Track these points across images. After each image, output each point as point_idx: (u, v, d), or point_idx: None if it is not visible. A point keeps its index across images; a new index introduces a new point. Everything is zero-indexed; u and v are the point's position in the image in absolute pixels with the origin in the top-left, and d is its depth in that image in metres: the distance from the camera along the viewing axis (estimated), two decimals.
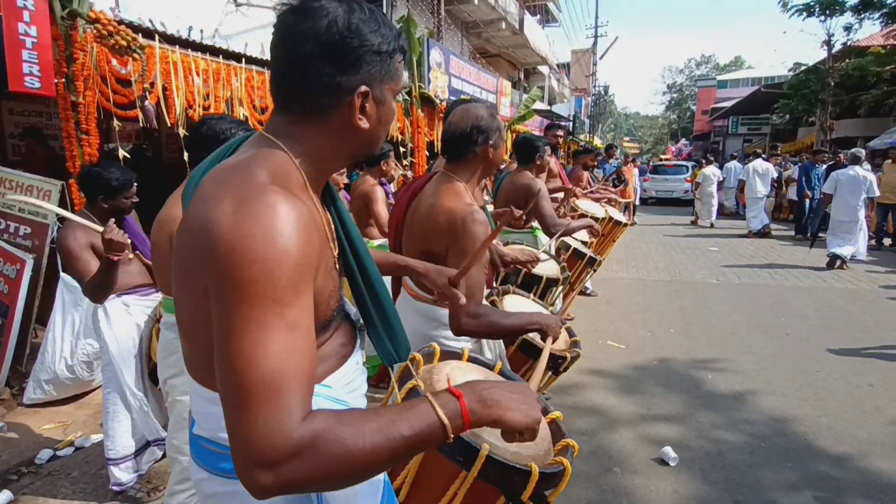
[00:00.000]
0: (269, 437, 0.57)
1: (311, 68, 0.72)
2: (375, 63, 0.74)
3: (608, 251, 4.92)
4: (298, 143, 0.75)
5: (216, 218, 0.63)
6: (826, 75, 13.42)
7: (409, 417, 0.64)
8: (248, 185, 0.66)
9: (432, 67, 7.12)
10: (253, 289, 0.60)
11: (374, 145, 0.82)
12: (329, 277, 0.79)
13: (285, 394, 0.59)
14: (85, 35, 2.91)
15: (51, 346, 2.73)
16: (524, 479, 0.91)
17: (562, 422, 1.15)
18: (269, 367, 0.59)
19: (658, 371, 3.49)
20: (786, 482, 2.28)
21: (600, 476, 2.32)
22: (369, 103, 0.76)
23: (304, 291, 0.65)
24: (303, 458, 0.58)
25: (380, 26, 0.75)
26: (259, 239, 0.61)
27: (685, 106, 52.77)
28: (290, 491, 0.60)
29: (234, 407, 0.59)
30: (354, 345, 0.92)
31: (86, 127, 2.95)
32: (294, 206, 0.66)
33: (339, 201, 0.90)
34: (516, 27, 15.07)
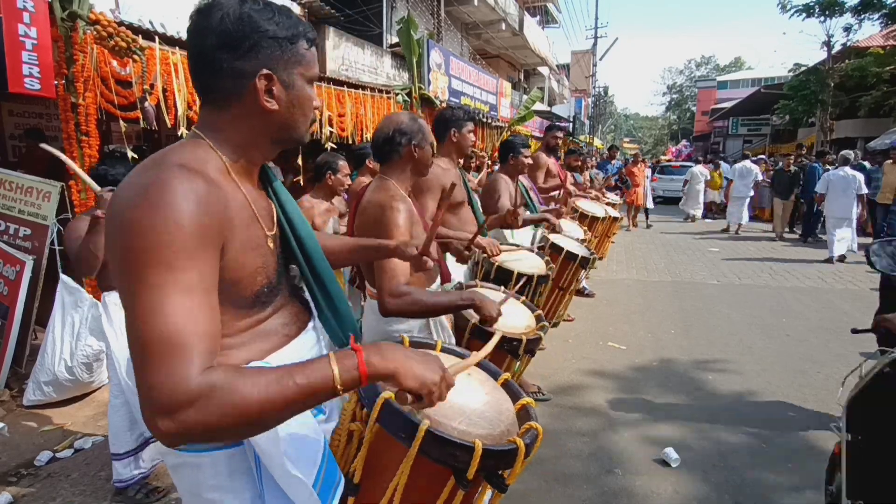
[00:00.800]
0: (167, 387, 0.62)
1: (213, 59, 0.79)
2: (274, 48, 0.80)
3: (605, 248, 4.90)
4: (217, 132, 0.83)
5: (119, 200, 0.71)
6: (826, 76, 13.40)
7: (305, 369, 0.69)
8: (152, 168, 0.74)
9: (432, 68, 7.13)
10: (145, 256, 0.66)
11: (294, 129, 0.87)
12: (254, 254, 0.84)
13: (182, 348, 0.64)
14: (85, 36, 2.92)
15: (50, 348, 2.72)
16: (467, 454, 0.89)
17: (532, 408, 1.13)
18: (165, 325, 0.64)
19: (658, 372, 3.48)
20: (787, 483, 2.27)
21: (601, 477, 2.31)
22: (276, 87, 0.81)
23: (198, 258, 0.70)
24: (199, 406, 0.62)
25: (275, 14, 0.81)
26: (148, 211, 0.67)
27: (685, 107, 52.78)
28: (190, 438, 0.64)
29: (139, 363, 0.65)
30: (303, 327, 0.96)
31: (85, 128, 2.96)
32: (189, 181, 0.71)
33: (278, 184, 0.97)
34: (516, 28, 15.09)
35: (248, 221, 0.82)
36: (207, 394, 0.63)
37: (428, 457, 0.91)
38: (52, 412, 2.84)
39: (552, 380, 3.28)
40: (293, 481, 0.84)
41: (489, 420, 1.03)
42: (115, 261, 0.69)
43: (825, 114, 13.85)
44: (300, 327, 0.94)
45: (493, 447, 0.92)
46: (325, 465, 0.92)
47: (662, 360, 3.69)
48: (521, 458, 0.95)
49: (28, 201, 3.04)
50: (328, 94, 5.04)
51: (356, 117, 5.39)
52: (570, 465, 2.39)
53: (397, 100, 6.03)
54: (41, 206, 2.98)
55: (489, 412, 1.05)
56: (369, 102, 5.59)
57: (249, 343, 0.85)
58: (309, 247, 0.97)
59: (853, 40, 13.56)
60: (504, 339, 1.66)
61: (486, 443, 0.91)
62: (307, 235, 0.97)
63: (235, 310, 0.83)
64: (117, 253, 0.68)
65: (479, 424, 1.00)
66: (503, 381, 1.23)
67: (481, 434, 0.97)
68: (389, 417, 0.92)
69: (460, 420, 0.98)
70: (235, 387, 0.64)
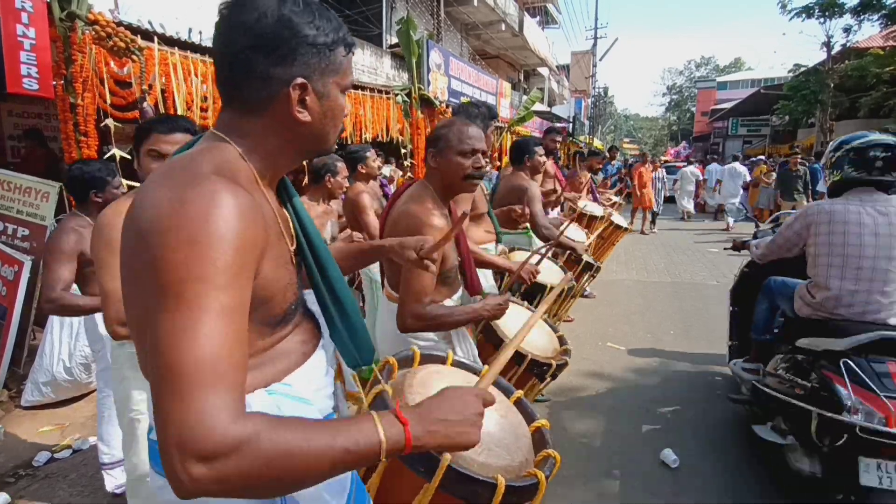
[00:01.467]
0: (206, 425, 0.54)
1: (246, 61, 0.72)
2: (311, 55, 0.74)
3: (606, 255, 4.90)
4: (245, 138, 0.76)
5: (153, 205, 0.63)
6: (825, 77, 13.41)
7: (353, 433, 0.63)
8: (189, 175, 0.67)
9: (432, 69, 7.13)
10: (184, 271, 0.59)
11: (323, 141, 0.82)
12: (284, 270, 0.79)
13: (221, 380, 0.57)
14: (84, 36, 2.91)
15: (49, 349, 2.72)
16: (489, 491, 0.87)
17: (547, 430, 1.11)
18: (202, 351, 0.57)
19: (658, 373, 3.48)
20: (787, 485, 2.24)
21: (600, 479, 2.31)
22: (310, 96, 0.75)
23: (239, 277, 0.63)
24: (240, 455, 0.54)
25: (315, 18, 0.75)
26: (192, 222, 0.61)
27: (685, 107, 52.84)
28: (219, 489, 0.55)
29: (166, 392, 0.56)
30: (317, 344, 0.90)
31: (84, 128, 2.95)
32: (233, 194, 0.65)
33: (297, 198, 0.91)
34: (516, 29, 15.11)
35: (278, 236, 0.77)
36: (252, 441, 0.55)
37: (448, 493, 0.89)
38: (50, 413, 2.83)
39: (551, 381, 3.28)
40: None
41: (507, 447, 1.01)
42: (137, 275, 0.62)
43: (825, 114, 13.85)
44: (315, 345, 0.89)
45: (515, 483, 0.91)
46: (354, 489, 0.89)
47: (662, 360, 3.69)
48: (542, 491, 0.94)
49: (26, 201, 3.04)
50: None
51: (355, 118, 5.39)
52: (569, 466, 2.38)
53: (397, 100, 6.03)
54: (39, 206, 2.98)
55: (507, 438, 1.04)
56: (368, 103, 5.59)
57: (269, 364, 0.79)
58: (325, 261, 0.91)
59: (853, 41, 13.57)
60: (534, 362, 1.67)
61: (507, 477, 0.90)
62: (323, 249, 0.92)
63: (262, 329, 0.77)
64: (147, 267, 0.60)
65: (497, 454, 0.97)
66: (515, 399, 1.21)
67: (501, 466, 0.95)
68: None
69: (480, 450, 0.95)
70: (282, 437, 0.57)
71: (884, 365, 1.78)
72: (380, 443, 0.64)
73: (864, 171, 2.02)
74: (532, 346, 1.78)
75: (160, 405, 0.56)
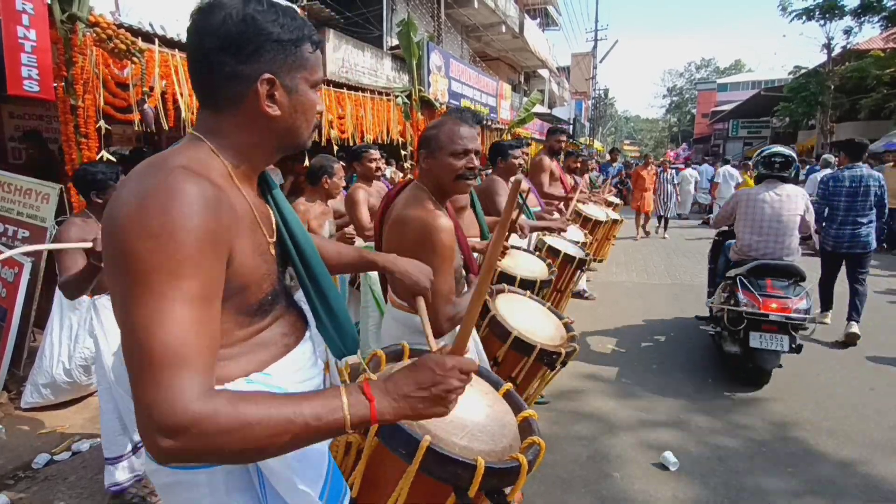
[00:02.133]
0: (168, 404, 0.59)
1: (214, 61, 0.76)
2: (277, 51, 0.78)
3: (606, 250, 4.90)
4: (219, 136, 0.80)
5: (122, 201, 0.67)
6: (826, 78, 13.42)
7: (317, 406, 0.66)
8: (155, 170, 0.70)
9: (432, 71, 7.14)
10: (150, 262, 0.63)
11: (296, 136, 0.84)
12: (260, 260, 0.81)
13: (184, 363, 0.61)
14: (84, 39, 2.92)
15: (48, 350, 2.71)
16: (469, 473, 0.88)
17: (534, 421, 1.12)
18: (168, 336, 0.61)
19: (657, 375, 3.47)
20: (786, 488, 2.26)
21: (600, 481, 2.30)
22: (278, 91, 0.79)
23: (204, 267, 0.66)
24: (201, 429, 0.60)
25: (279, 16, 0.78)
26: (155, 215, 0.64)
27: (685, 109, 52.82)
28: (187, 458, 0.61)
29: (136, 375, 0.61)
30: (301, 336, 0.93)
31: (85, 130, 2.96)
32: (197, 185, 0.68)
33: (277, 191, 0.94)
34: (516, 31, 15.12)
35: (252, 227, 0.81)
36: (211, 417, 0.60)
37: (429, 474, 0.90)
38: (49, 415, 2.83)
39: (551, 383, 3.26)
40: (301, 496, 0.82)
41: (491, 434, 1.02)
42: (113, 266, 0.66)
43: (825, 116, 13.85)
44: (298, 337, 0.92)
45: (495, 465, 0.91)
46: (330, 477, 0.90)
47: (662, 363, 3.67)
48: (524, 474, 0.94)
49: (27, 203, 3.04)
50: (328, 97, 5.05)
51: (356, 119, 5.39)
52: (568, 469, 2.38)
53: (397, 102, 6.04)
54: (40, 207, 2.98)
55: (491, 425, 1.04)
56: (369, 105, 5.60)
57: (249, 353, 0.82)
58: (308, 255, 0.95)
59: (853, 43, 13.58)
60: (544, 351, 1.67)
61: (488, 460, 0.90)
62: (306, 243, 0.95)
63: (239, 318, 0.80)
64: (116, 258, 0.65)
65: (480, 439, 0.98)
66: (505, 391, 1.21)
67: (483, 450, 0.95)
68: (389, 432, 0.91)
69: (462, 435, 0.97)
70: (242, 413, 0.62)
71: (763, 280, 3.18)
72: (343, 416, 0.67)
73: (769, 170, 3.37)
74: (539, 336, 1.78)
75: (132, 385, 0.62)
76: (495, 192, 3.08)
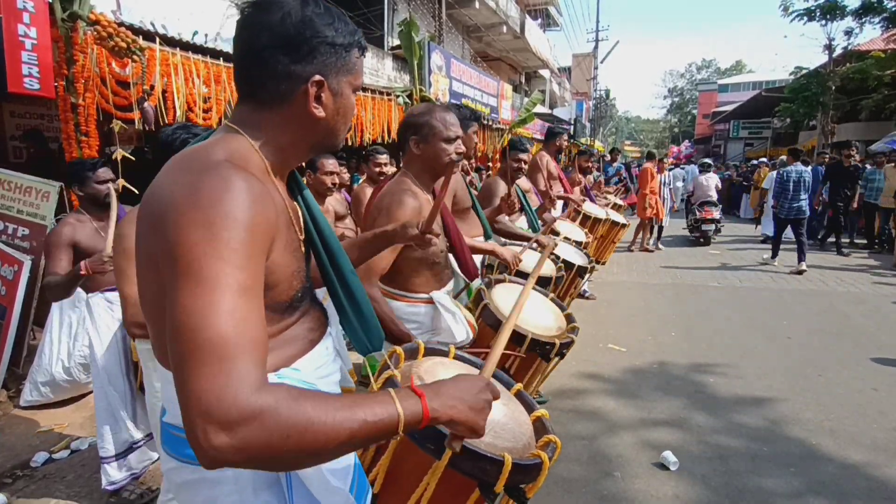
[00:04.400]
0: (229, 394, 0.55)
1: (267, 58, 0.76)
2: (330, 54, 0.79)
3: (609, 253, 4.90)
4: (259, 130, 0.80)
5: (169, 191, 0.66)
6: (827, 79, 13.41)
7: (373, 405, 0.65)
8: (202, 162, 0.70)
9: (433, 71, 7.14)
10: (203, 251, 0.61)
11: (333, 137, 0.86)
12: (293, 258, 0.82)
13: (243, 353, 0.58)
14: (85, 37, 2.92)
15: (48, 348, 2.71)
16: (497, 469, 0.88)
17: (547, 420, 1.13)
18: (225, 324, 0.59)
19: (659, 375, 3.46)
20: (788, 488, 2.25)
21: (600, 481, 2.29)
22: (325, 93, 0.80)
23: (254, 258, 0.66)
24: (262, 423, 0.55)
25: (334, 20, 0.80)
26: (208, 204, 0.63)
27: (686, 110, 52.83)
28: (242, 457, 0.56)
29: (187, 367, 0.57)
30: (324, 331, 0.94)
31: (85, 129, 2.96)
32: (245, 180, 0.68)
33: (307, 191, 0.95)
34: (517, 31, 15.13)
35: (287, 224, 0.81)
36: (273, 409, 0.56)
37: (457, 470, 0.89)
38: (48, 413, 2.82)
39: (551, 382, 3.23)
40: (332, 491, 0.81)
41: (512, 432, 1.02)
42: (160, 257, 0.64)
43: (826, 117, 13.83)
44: (322, 333, 0.93)
45: (521, 461, 0.92)
46: (356, 474, 0.90)
47: (662, 362, 3.67)
48: (545, 471, 0.95)
49: (27, 201, 3.04)
50: None
51: (356, 119, 5.39)
52: (569, 468, 2.37)
53: (398, 102, 6.03)
54: (40, 205, 2.98)
55: (511, 424, 1.05)
56: (370, 104, 5.59)
57: (278, 349, 0.82)
58: (336, 253, 0.96)
59: (854, 44, 13.57)
60: (536, 342, 1.65)
61: (513, 456, 0.91)
62: (333, 240, 0.96)
63: (270, 315, 0.79)
64: (163, 249, 0.63)
65: (503, 437, 0.99)
66: (516, 391, 1.22)
67: (507, 447, 0.96)
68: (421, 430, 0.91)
69: (487, 432, 0.95)
70: (303, 408, 0.58)
71: (703, 206, 8.77)
72: (398, 415, 0.65)
73: (706, 168, 9.45)
74: (533, 326, 1.76)
75: (183, 379, 0.57)
76: (493, 193, 3.09)
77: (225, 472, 0.78)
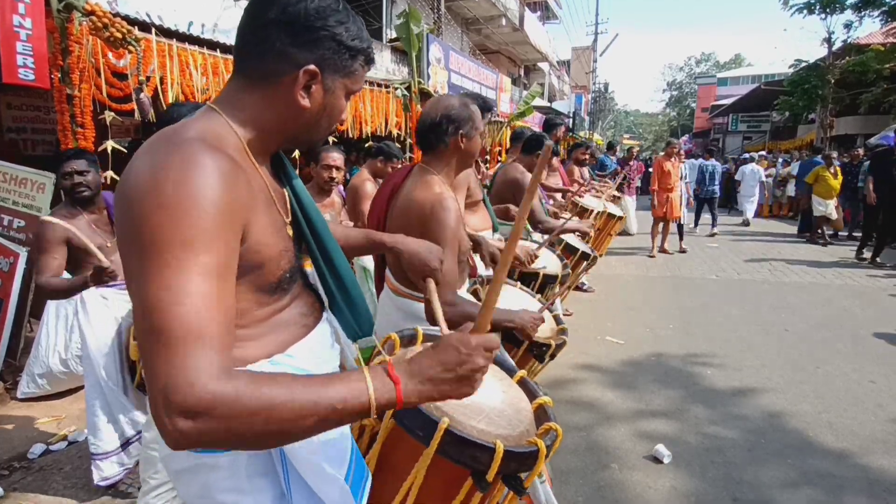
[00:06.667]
0: (188, 382, 0.56)
1: (269, 32, 0.75)
2: (332, 51, 0.78)
3: (605, 246, 4.90)
4: (239, 110, 0.78)
5: (135, 171, 0.65)
6: (826, 72, 13.36)
7: (342, 388, 0.64)
8: (169, 141, 0.69)
9: (432, 63, 7.09)
10: (165, 234, 0.60)
11: (313, 133, 0.84)
12: (278, 237, 0.80)
13: (204, 339, 0.58)
14: (80, 27, 2.88)
15: (44, 340, 2.70)
16: (488, 456, 0.86)
17: (550, 408, 1.10)
18: (186, 311, 0.58)
19: (656, 367, 3.47)
20: (785, 479, 2.26)
21: (597, 472, 2.30)
22: (316, 86, 0.78)
23: (220, 241, 0.64)
24: (222, 411, 0.56)
25: (349, 22, 0.79)
26: (170, 185, 0.62)
27: (685, 103, 52.65)
28: (207, 442, 0.58)
29: (152, 350, 0.58)
30: (319, 317, 0.93)
31: (81, 120, 2.93)
32: (213, 157, 0.67)
33: (294, 175, 0.93)
34: (516, 24, 15.01)
35: (268, 203, 0.80)
36: (232, 398, 0.57)
37: (447, 457, 0.88)
38: (45, 405, 2.82)
39: (549, 374, 3.26)
40: (327, 480, 0.80)
41: (508, 419, 1.00)
42: (126, 241, 0.63)
43: (825, 110, 13.80)
44: (317, 318, 0.91)
45: (514, 449, 0.89)
46: (354, 460, 0.89)
47: (660, 355, 3.67)
48: (542, 460, 0.92)
49: (22, 193, 3.02)
50: None
51: (354, 112, 5.35)
52: (565, 460, 2.38)
53: (396, 94, 5.99)
54: (35, 197, 2.96)
55: (508, 410, 1.03)
56: (368, 97, 5.55)
57: (270, 334, 0.81)
58: (323, 236, 0.95)
59: (854, 37, 13.52)
60: (533, 343, 1.64)
61: (506, 444, 0.88)
62: (321, 224, 0.95)
63: (258, 296, 0.78)
64: (129, 232, 0.62)
65: (498, 424, 0.97)
66: (519, 378, 1.20)
67: (501, 434, 0.94)
68: (406, 413, 0.89)
69: (480, 418, 0.95)
70: (266, 393, 0.59)
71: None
72: (369, 398, 0.64)
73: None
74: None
75: (147, 363, 0.58)
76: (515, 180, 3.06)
77: (220, 459, 0.78)
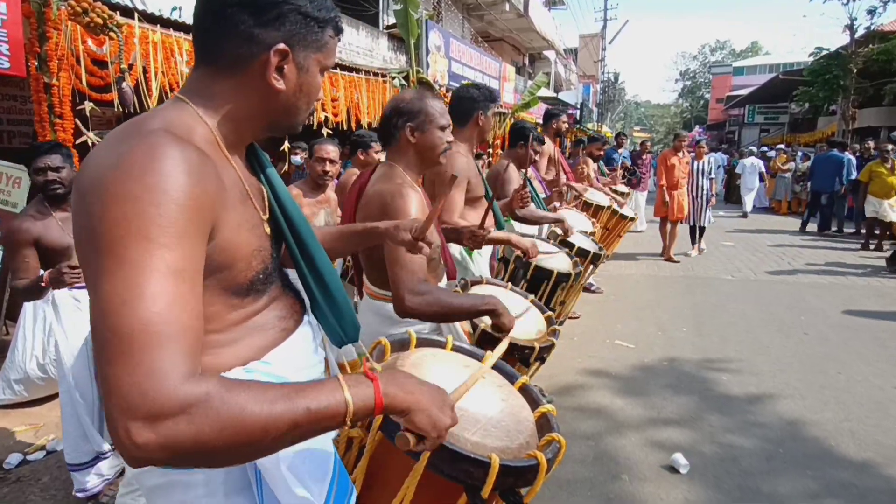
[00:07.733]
0: (149, 388, 0.51)
1: (230, 15, 0.71)
2: (300, 25, 0.74)
3: (614, 246, 4.77)
4: (209, 99, 0.75)
5: (95, 163, 0.62)
6: (848, 61, 12.86)
7: (317, 393, 0.61)
8: (133, 132, 0.65)
9: (431, 51, 6.89)
10: (126, 230, 0.56)
11: (293, 116, 0.81)
12: (251, 235, 0.77)
13: (167, 341, 0.54)
14: (58, 12, 2.76)
15: (21, 344, 2.58)
16: (482, 471, 0.81)
17: (553, 416, 1.03)
18: (148, 311, 0.54)
19: (669, 372, 3.34)
20: (805, 491, 2.15)
21: (607, 483, 2.19)
22: (289, 65, 0.75)
23: (187, 236, 0.60)
24: (191, 417, 0.52)
25: None
26: (134, 177, 0.58)
27: (699, 94, 51.68)
28: (169, 455, 0.52)
29: (110, 355, 0.53)
30: (299, 321, 0.89)
31: (59, 111, 2.81)
32: (181, 149, 0.63)
33: (270, 169, 0.89)
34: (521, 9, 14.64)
35: (242, 199, 0.76)
36: (202, 402, 0.53)
37: (438, 472, 0.83)
38: (22, 412, 2.72)
39: (556, 380, 3.14)
40: (297, 501, 0.76)
41: (506, 430, 0.94)
42: (84, 237, 0.59)
43: (847, 101, 13.31)
44: (297, 321, 0.88)
45: (511, 463, 0.84)
46: (336, 477, 0.85)
47: (673, 359, 3.53)
48: (543, 474, 0.87)
49: None
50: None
51: (350, 102, 5.20)
52: (574, 470, 2.27)
53: (394, 83, 5.81)
54: (11, 192, 2.85)
55: (506, 421, 0.97)
56: (364, 86, 5.39)
57: (244, 339, 0.78)
58: (304, 234, 0.90)
59: (878, 24, 13.02)
60: (514, 346, 1.55)
61: (503, 457, 0.83)
62: (301, 222, 0.89)
63: (228, 298, 0.75)
64: (87, 228, 0.58)
65: (494, 435, 0.91)
66: (520, 385, 1.13)
67: (498, 447, 0.88)
68: (394, 426, 0.82)
69: (474, 430, 0.90)
70: (235, 400, 0.55)
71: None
72: (345, 402, 0.62)
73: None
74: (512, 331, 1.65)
75: (104, 370, 0.53)
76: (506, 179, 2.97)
77: (195, 475, 0.75)
